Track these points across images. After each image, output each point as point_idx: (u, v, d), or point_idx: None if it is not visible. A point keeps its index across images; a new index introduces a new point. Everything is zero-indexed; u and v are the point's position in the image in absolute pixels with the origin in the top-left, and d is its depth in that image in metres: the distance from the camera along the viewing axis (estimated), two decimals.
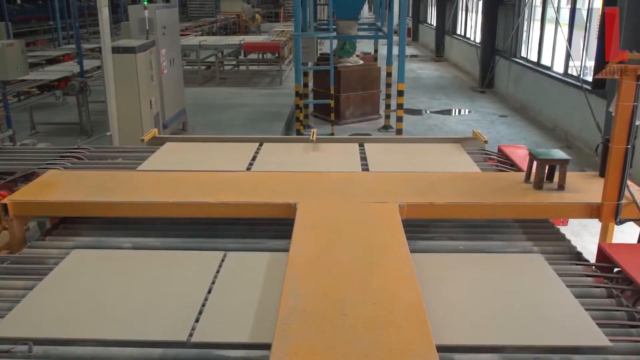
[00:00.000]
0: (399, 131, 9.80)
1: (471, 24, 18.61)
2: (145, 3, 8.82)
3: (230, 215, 3.41)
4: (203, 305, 2.42)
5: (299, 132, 9.82)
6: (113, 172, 3.96)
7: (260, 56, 17.58)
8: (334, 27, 10.77)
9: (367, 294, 2.33)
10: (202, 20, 24.25)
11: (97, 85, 10.43)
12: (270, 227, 3.39)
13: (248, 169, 4.05)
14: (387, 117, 10.81)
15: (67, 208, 3.45)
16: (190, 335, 2.22)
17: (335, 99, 10.19)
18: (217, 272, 2.70)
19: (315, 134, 4.69)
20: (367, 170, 4.02)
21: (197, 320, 2.30)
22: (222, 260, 2.81)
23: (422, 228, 3.37)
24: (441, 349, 2.02)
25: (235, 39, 16.96)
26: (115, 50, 7.17)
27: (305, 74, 10.99)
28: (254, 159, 4.28)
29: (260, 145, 4.62)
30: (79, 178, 3.83)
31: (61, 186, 3.66)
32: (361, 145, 4.68)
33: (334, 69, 9.85)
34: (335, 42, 10.39)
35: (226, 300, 2.48)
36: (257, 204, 3.33)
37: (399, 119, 9.81)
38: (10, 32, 11.61)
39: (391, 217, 3.08)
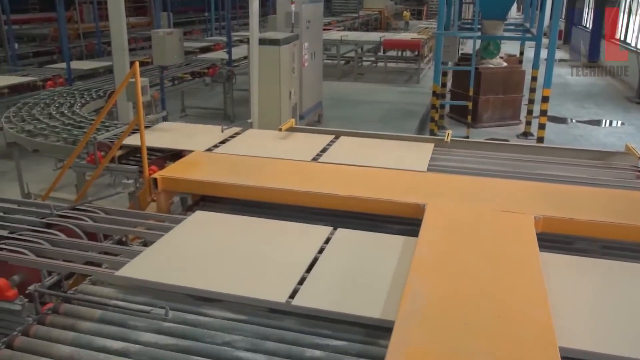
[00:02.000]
0: (540, 139, 9.23)
1: (633, 28, 16.99)
2: None
3: (357, 210, 3.44)
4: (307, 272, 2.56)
5: (432, 133, 9.63)
6: (252, 158, 4.16)
7: (400, 53, 17.47)
8: (479, 26, 10.40)
9: (492, 306, 2.23)
10: (345, 16, 24.62)
11: (242, 74, 11.03)
12: (394, 226, 3.37)
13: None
14: (528, 123, 10.23)
15: (208, 187, 3.69)
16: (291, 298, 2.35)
17: (473, 101, 9.85)
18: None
19: (449, 136, 4.57)
20: (501, 177, 3.84)
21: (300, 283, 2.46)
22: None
23: (550, 243, 3.15)
24: None
25: (375, 36, 17.00)
26: (262, 41, 7.51)
27: (445, 74, 10.73)
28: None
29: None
30: (221, 160, 4.09)
31: (204, 167, 3.93)
32: (496, 150, 4.49)
33: (474, 70, 9.52)
34: (478, 42, 10.03)
35: (330, 270, 2.58)
36: (384, 201, 3.32)
37: (541, 127, 9.24)
38: (171, 22, 12.64)
39: (525, 229, 2.92)
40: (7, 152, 6.90)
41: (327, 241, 2.89)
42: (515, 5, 24.30)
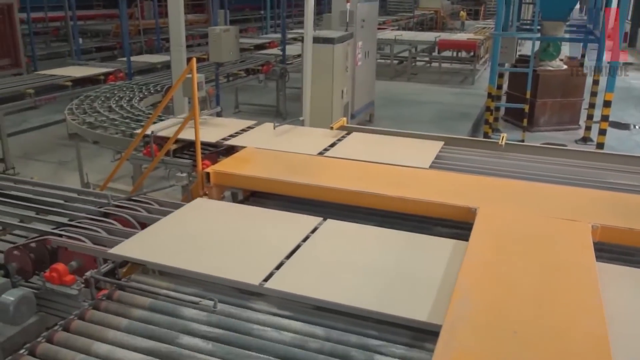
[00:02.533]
0: (600, 145, 8.90)
1: None
2: None
3: (406, 211, 3.41)
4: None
5: (486, 135, 9.43)
6: (302, 155, 4.19)
7: (455, 54, 17.19)
8: (538, 27, 10.11)
9: (543, 316, 2.16)
10: (400, 15, 24.42)
11: (295, 72, 11.10)
12: (441, 229, 3.32)
13: (430, 166, 4.00)
14: (588, 128, 9.88)
15: (258, 183, 3.74)
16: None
17: (530, 104, 9.59)
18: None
19: (504, 139, 4.47)
20: (557, 183, 3.71)
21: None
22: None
23: (608, 254, 3.03)
24: None
25: (430, 36, 16.79)
26: (316, 40, 7.54)
27: (501, 76, 10.48)
28: (437, 157, 4.22)
29: (444, 144, 4.54)
30: (272, 157, 4.13)
31: (256, 163, 3.99)
32: (552, 155, 4.36)
33: (532, 72, 9.26)
34: (537, 43, 9.75)
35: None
36: (434, 203, 3.28)
37: (602, 132, 8.90)
38: (227, 20, 12.84)
39: (581, 238, 2.82)
40: (69, 143, 7.20)
41: (314, 231, 2.98)
42: (577, 6, 23.47)
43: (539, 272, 2.48)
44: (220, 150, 4.52)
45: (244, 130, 4.94)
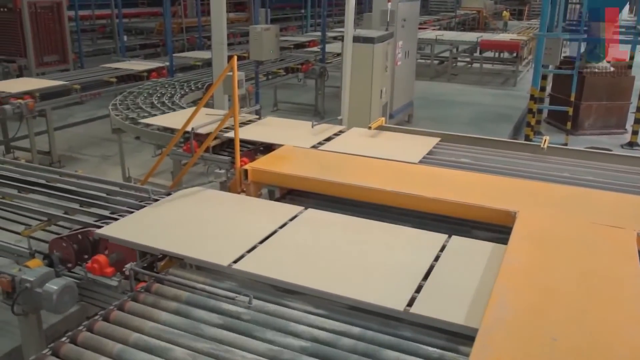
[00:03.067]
0: None
1: None
2: None
3: (444, 213, 3.37)
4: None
5: (528, 138, 9.23)
6: (339, 155, 4.19)
7: (497, 55, 16.89)
8: (585, 28, 9.83)
9: (584, 324, 2.11)
10: (442, 15, 24.15)
11: (334, 71, 11.10)
12: (478, 232, 3.27)
13: (468, 168, 3.95)
14: (635, 133, 9.57)
15: (294, 181, 3.76)
16: None
17: (574, 107, 9.34)
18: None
19: (547, 142, 4.37)
20: (601, 189, 3.61)
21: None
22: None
23: None
24: None
25: (472, 36, 16.54)
26: (356, 39, 7.52)
27: (544, 77, 10.25)
28: (475, 159, 4.16)
29: (483, 146, 4.47)
30: (309, 155, 4.14)
31: (293, 161, 4.01)
32: (597, 160, 4.24)
33: (578, 74, 9.02)
34: (583, 45, 9.50)
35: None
36: (473, 206, 3.23)
37: None
38: (268, 18, 12.94)
39: (625, 246, 2.73)
40: (113, 138, 7.38)
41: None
42: (627, 6, 22.75)
43: (580, 280, 2.41)
44: (258, 148, 4.56)
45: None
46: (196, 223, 3.10)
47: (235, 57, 4.12)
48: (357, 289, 2.39)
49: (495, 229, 3.24)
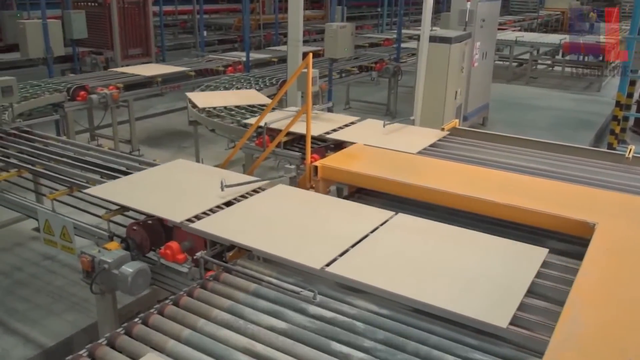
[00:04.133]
0: None
1: None
2: None
3: (518, 220, 3.26)
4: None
5: (611, 147, 8.78)
6: (410, 155, 4.14)
7: (581, 58, 16.15)
8: None
9: None
10: (524, 16, 23.35)
11: (408, 70, 10.99)
12: (550, 241, 3.14)
13: (542, 175, 3.80)
14: None
15: (363, 180, 3.75)
16: None
17: None
18: None
19: (632, 151, 4.14)
20: None
21: None
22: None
23: None
24: None
25: (555, 38, 15.89)
26: (432, 39, 7.40)
27: (632, 83, 9.69)
28: (552, 166, 4.00)
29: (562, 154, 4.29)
30: (379, 155, 4.12)
31: (363, 159, 4.00)
32: None
33: None
34: None
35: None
36: (546, 214, 3.10)
37: None
38: (344, 16, 12.97)
39: None
40: (189, 129, 7.64)
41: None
42: None
43: None
44: (329, 145, 4.58)
45: (348, 125, 4.98)
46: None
47: (311, 55, 4.15)
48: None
49: (569, 239, 3.10)
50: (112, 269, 2.76)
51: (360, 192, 3.92)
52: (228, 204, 3.32)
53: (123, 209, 3.41)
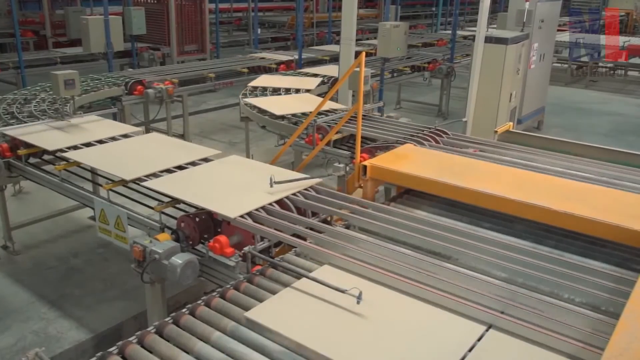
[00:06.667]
0: None
1: None
2: None
3: (570, 228, 3.14)
4: None
5: None
6: (462, 157, 4.07)
7: None
8: None
9: None
10: (585, 17, 22.57)
11: (461, 71, 10.79)
12: (603, 250, 3.01)
13: (602, 183, 3.65)
14: None
15: (414, 181, 3.70)
16: None
17: None
18: None
19: None
20: None
21: None
22: None
23: None
24: None
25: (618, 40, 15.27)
26: (488, 39, 7.24)
27: None
28: (612, 176, 3.85)
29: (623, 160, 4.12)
30: (430, 156, 4.06)
31: (413, 160, 3.95)
32: None
33: None
34: None
35: None
36: (603, 223, 2.98)
37: None
38: (398, 15, 12.86)
39: None
40: (240, 125, 7.74)
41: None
42: None
43: None
44: (379, 145, 4.55)
45: (402, 126, 4.93)
46: None
47: (364, 53, 4.13)
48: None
49: (628, 250, 2.98)
50: (163, 259, 2.83)
51: (408, 192, 3.87)
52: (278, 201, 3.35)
53: (174, 202, 3.49)
